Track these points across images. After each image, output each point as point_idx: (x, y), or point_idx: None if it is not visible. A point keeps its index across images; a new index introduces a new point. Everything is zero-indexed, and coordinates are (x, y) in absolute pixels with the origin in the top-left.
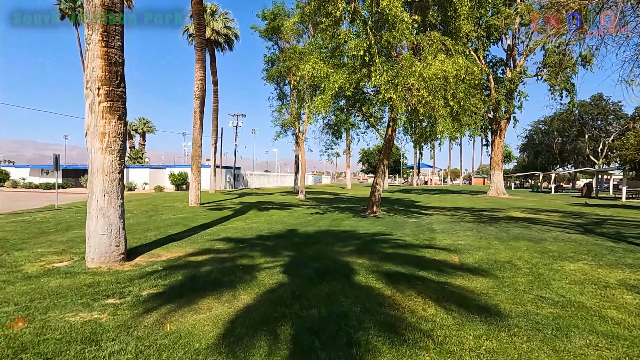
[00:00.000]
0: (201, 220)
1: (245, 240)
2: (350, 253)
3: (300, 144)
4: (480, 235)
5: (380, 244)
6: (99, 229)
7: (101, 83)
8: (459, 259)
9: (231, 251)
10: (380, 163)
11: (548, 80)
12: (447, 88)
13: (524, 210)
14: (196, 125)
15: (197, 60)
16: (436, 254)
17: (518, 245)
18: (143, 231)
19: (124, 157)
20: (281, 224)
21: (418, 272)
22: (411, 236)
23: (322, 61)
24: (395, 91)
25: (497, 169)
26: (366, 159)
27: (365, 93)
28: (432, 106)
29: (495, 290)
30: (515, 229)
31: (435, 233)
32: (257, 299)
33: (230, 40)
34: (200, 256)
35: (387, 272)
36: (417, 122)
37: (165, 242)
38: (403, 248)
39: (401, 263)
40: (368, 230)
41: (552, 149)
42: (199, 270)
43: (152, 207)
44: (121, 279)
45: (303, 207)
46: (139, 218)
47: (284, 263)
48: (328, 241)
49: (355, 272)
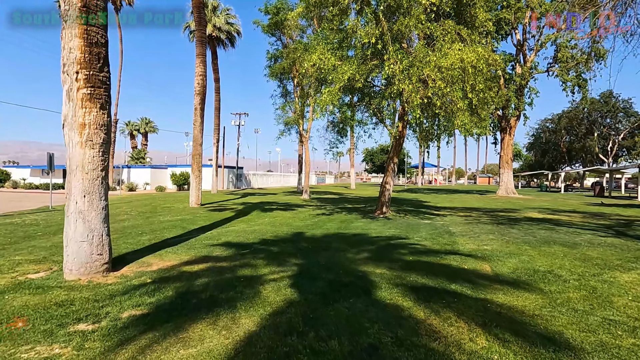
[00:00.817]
0: (201, 222)
1: (248, 246)
2: (366, 261)
3: (304, 143)
4: (506, 239)
5: (398, 250)
6: (78, 236)
7: (80, 66)
8: (490, 268)
9: (231, 259)
10: (390, 161)
11: (560, 76)
12: (466, 79)
13: (540, 210)
14: (197, 122)
15: (198, 54)
16: (463, 261)
17: (552, 251)
18: (137, 235)
19: (108, 152)
20: (286, 226)
21: (449, 286)
22: (429, 240)
23: (329, 52)
24: (410, 82)
25: (507, 167)
26: (370, 158)
27: (375, 86)
28: (450, 98)
29: (549, 310)
30: (540, 231)
31: (454, 236)
32: (261, 324)
33: (232, 37)
34: (196, 265)
35: (413, 285)
36: (433, 116)
37: (160, 248)
38: (424, 255)
39: (426, 273)
40: (381, 233)
41: (560, 148)
42: (193, 283)
43: (151, 208)
44: (100, 295)
45: (308, 207)
46: (135, 220)
47: (292, 274)
48: (339, 246)
49: (376, 286)
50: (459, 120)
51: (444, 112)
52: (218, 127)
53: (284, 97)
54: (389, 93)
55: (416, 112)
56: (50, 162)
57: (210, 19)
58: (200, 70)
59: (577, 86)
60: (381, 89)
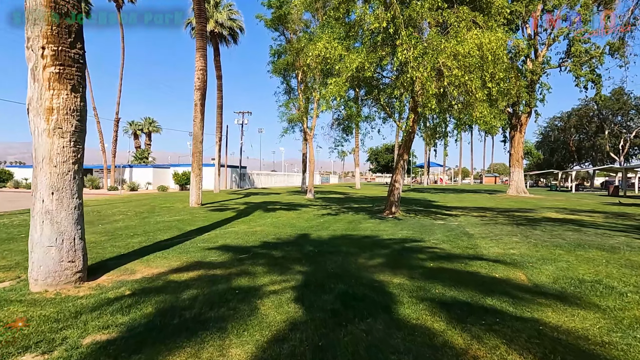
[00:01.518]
0: (199, 223)
1: (247, 249)
2: (381, 268)
3: (309, 141)
4: (532, 242)
5: (415, 255)
6: (44, 240)
7: (47, 40)
8: (526, 277)
9: (227, 265)
10: (400, 158)
11: (573, 71)
12: (485, 67)
13: (557, 210)
14: (197, 119)
15: (198, 48)
16: (492, 268)
17: (591, 256)
18: (128, 237)
19: (81, 142)
20: (290, 227)
21: (485, 300)
22: (448, 243)
23: (335, 41)
24: (425, 69)
25: (518, 166)
26: (375, 157)
27: (385, 77)
28: (468, 88)
29: (620, 335)
30: (566, 233)
31: (474, 239)
32: (258, 356)
33: (235, 34)
34: (186, 273)
35: (441, 299)
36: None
37: (149, 252)
38: (446, 260)
39: (454, 284)
40: (393, 235)
41: (569, 146)
42: (179, 296)
43: (149, 207)
44: (65, 312)
45: (313, 207)
46: (130, 221)
47: (296, 284)
48: (349, 250)
49: (397, 300)
50: (477, 112)
51: (460, 104)
52: (220, 125)
53: (287, 94)
54: (401, 82)
55: (432, 102)
56: None
57: (212, 14)
58: (200, 65)
59: (591, 82)
60: (392, 80)
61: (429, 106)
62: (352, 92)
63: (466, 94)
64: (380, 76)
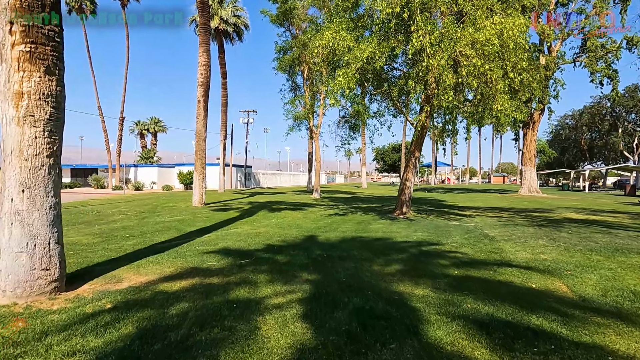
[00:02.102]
0: (200, 223)
1: (249, 253)
2: (400, 276)
3: (315, 139)
4: (561, 245)
5: (436, 260)
6: (14, 245)
7: (14, 13)
8: (567, 288)
9: (226, 272)
10: (411, 156)
11: (589, 66)
12: (506, 56)
13: (576, 210)
14: (200, 116)
15: (201, 43)
16: (526, 277)
17: (635, 263)
18: (122, 238)
19: (58, 132)
20: (296, 228)
21: (529, 319)
22: (469, 246)
23: (343, 30)
24: (442, 57)
25: (530, 165)
26: (381, 157)
27: (397, 69)
28: (488, 79)
29: None
30: (596, 235)
31: (496, 242)
32: None
33: (240, 31)
34: (178, 282)
35: (475, 317)
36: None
37: (142, 256)
38: (471, 267)
39: (487, 296)
40: (407, 237)
41: (580, 145)
42: (166, 312)
43: (151, 207)
44: (30, 332)
45: (319, 207)
46: (128, 221)
47: (303, 296)
48: (361, 255)
49: (424, 319)
50: (498, 104)
51: (479, 96)
52: (225, 123)
53: (293, 92)
54: (415, 73)
55: (449, 94)
56: None
57: (217, 11)
58: (203, 60)
59: (607, 77)
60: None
61: (445, 98)
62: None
63: (485, 85)
64: (391, 68)
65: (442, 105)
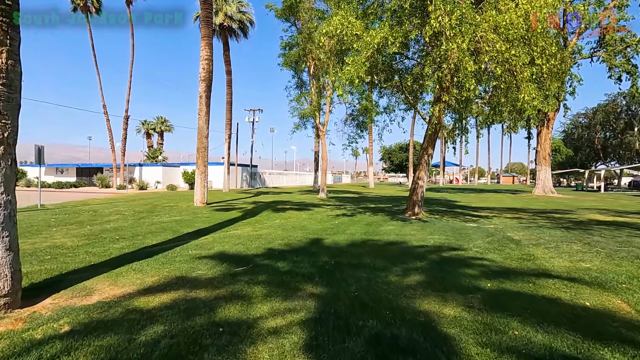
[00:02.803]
0: (199, 224)
1: (246, 260)
2: (423, 290)
3: (321, 137)
4: (601, 252)
5: (461, 269)
6: None
7: None
8: (629, 306)
9: (217, 283)
10: (424, 153)
11: (607, 61)
12: (532, 40)
13: (599, 211)
14: (202, 112)
15: (203, 36)
16: (574, 291)
17: None
18: (111, 241)
19: (10, 115)
20: (300, 230)
21: (600, 354)
22: (495, 252)
23: (352, 16)
24: (462, 40)
25: (544, 164)
26: (388, 157)
27: (409, 59)
28: (512, 66)
29: None
30: (634, 239)
31: (525, 246)
32: None
33: (245, 27)
34: (158, 296)
35: (529, 351)
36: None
37: (127, 261)
38: (505, 278)
39: (536, 319)
40: (424, 241)
41: (594, 144)
42: (133, 339)
43: (151, 207)
44: None
45: (326, 207)
46: (124, 221)
47: (307, 318)
48: (374, 263)
49: (462, 352)
50: (525, 94)
51: (503, 84)
52: (230, 122)
53: (299, 88)
54: (432, 59)
55: (470, 82)
56: (38, 156)
57: (222, 7)
58: (205, 54)
59: (627, 73)
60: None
61: (466, 87)
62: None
63: (509, 74)
64: (403, 58)
65: (463, 95)
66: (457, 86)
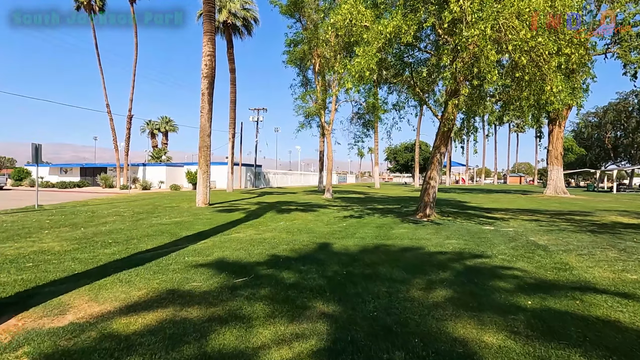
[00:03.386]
0: (199, 226)
1: (247, 269)
2: (453, 309)
3: (327, 136)
4: None
5: (492, 282)
6: None
7: None
8: None
9: (212, 299)
10: (436, 151)
11: (622, 57)
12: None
13: (620, 213)
14: (204, 110)
15: (205, 32)
16: (632, 311)
17: None
18: (103, 245)
19: None
20: (306, 233)
21: None
22: (523, 260)
23: (362, 4)
24: (485, 25)
25: (556, 163)
26: (393, 157)
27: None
28: (539, 54)
29: None
30: None
31: (554, 253)
32: None
33: (249, 25)
34: (142, 316)
35: None
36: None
37: (115, 270)
38: (544, 292)
39: (602, 351)
40: (441, 246)
41: (604, 144)
42: None
43: (152, 208)
44: None
45: (332, 208)
46: (120, 223)
47: (318, 348)
48: (391, 273)
49: None
50: (553, 85)
51: (527, 76)
52: (234, 121)
53: (304, 87)
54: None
55: (492, 73)
56: (35, 155)
57: (226, 4)
58: (208, 50)
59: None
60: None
61: (488, 78)
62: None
63: (533, 65)
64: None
65: (485, 87)
66: (477, 77)
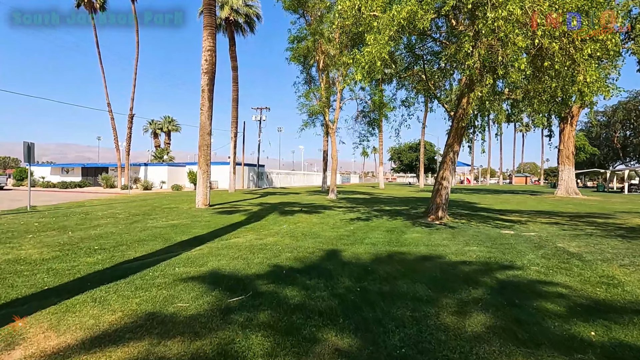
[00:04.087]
0: (196, 230)
1: (244, 283)
2: (500, 343)
3: (331, 134)
4: None
5: (535, 302)
6: None
7: None
8: None
9: (198, 327)
10: (449, 150)
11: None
12: (590, 12)
13: None
14: (204, 107)
15: (205, 26)
16: None
17: None
18: (86, 253)
19: None
20: (312, 237)
21: None
22: (562, 273)
23: None
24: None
25: (568, 163)
26: (397, 156)
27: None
28: (570, 41)
29: None
30: None
31: (592, 263)
32: None
33: (252, 21)
34: (109, 352)
35: None
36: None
37: (92, 285)
38: (605, 319)
39: None
40: (463, 254)
41: (613, 143)
42: None
43: (149, 209)
44: None
45: (337, 209)
46: (113, 226)
47: None
48: (413, 290)
49: None
50: (587, 75)
51: (558, 65)
52: (236, 119)
53: (307, 84)
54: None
55: (521, 61)
56: (28, 153)
57: (228, 0)
58: (208, 45)
59: None
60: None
61: (515, 66)
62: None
63: (563, 53)
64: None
65: (512, 77)
66: (502, 66)
